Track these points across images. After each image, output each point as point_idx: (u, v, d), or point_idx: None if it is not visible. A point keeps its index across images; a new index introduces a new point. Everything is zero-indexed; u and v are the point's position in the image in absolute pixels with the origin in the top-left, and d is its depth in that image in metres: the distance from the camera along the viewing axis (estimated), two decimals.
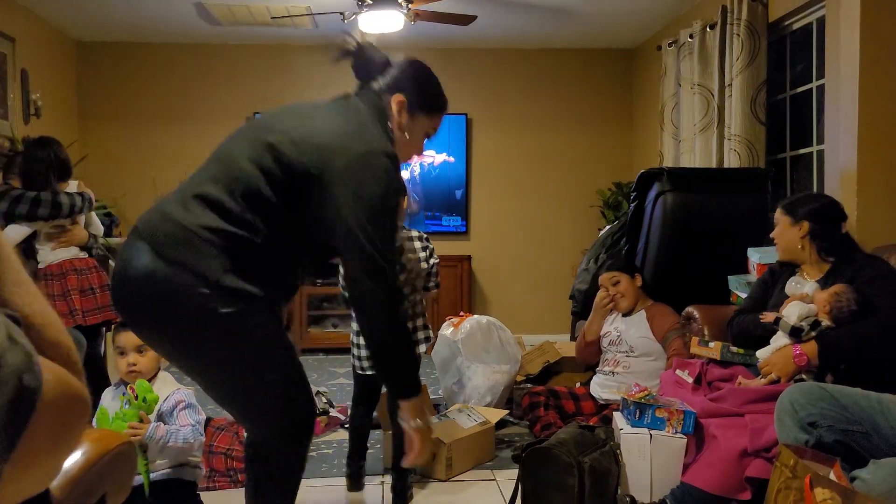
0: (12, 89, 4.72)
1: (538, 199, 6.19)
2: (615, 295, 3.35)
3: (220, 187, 1.66)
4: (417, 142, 1.91)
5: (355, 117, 1.76)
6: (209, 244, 1.61)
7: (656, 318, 3.27)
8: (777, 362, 2.28)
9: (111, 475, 1.20)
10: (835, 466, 1.75)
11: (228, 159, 1.72)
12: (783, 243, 2.56)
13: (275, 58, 5.94)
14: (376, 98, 1.82)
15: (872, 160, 3.08)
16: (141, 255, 1.62)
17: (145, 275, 1.61)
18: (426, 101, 1.89)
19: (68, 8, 4.99)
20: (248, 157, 1.69)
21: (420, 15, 4.53)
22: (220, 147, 1.80)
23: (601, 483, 2.27)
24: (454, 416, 3.17)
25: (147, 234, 1.65)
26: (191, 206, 1.65)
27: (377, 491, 2.82)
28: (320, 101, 1.86)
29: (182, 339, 1.66)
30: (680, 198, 3.45)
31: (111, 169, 5.80)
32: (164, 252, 1.60)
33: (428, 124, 1.91)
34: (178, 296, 1.59)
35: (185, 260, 1.59)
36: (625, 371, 3.25)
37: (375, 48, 1.90)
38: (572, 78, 6.15)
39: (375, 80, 1.85)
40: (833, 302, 2.25)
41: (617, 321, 3.41)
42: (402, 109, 1.84)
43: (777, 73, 4.18)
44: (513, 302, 6.15)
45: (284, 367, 1.72)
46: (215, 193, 1.65)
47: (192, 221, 1.63)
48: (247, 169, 1.67)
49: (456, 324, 3.77)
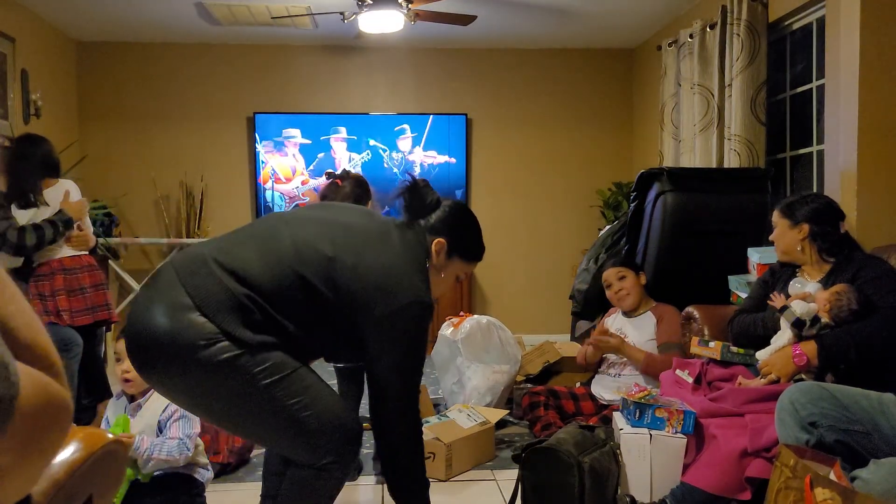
0: (12, 89, 4.72)
1: (538, 199, 6.19)
2: (620, 290, 3.34)
3: (267, 277, 1.69)
4: (449, 282, 1.99)
5: (410, 258, 1.82)
6: (236, 311, 1.65)
7: (663, 321, 3.25)
8: (776, 362, 2.28)
9: (98, 476, 1.17)
10: (835, 466, 1.75)
11: (279, 243, 1.75)
12: (783, 246, 2.55)
13: (275, 58, 5.94)
14: (422, 237, 1.89)
15: (872, 160, 3.08)
16: (169, 306, 1.64)
17: (165, 324, 1.63)
18: (465, 249, 1.97)
19: (68, 8, 4.99)
20: (298, 251, 1.73)
21: (420, 15, 4.53)
22: (274, 223, 1.84)
23: (601, 483, 2.27)
24: (454, 416, 3.17)
25: (191, 288, 1.66)
26: (224, 272, 1.69)
27: (377, 491, 2.82)
28: (374, 223, 1.89)
29: (199, 381, 1.65)
30: (680, 198, 3.45)
31: (111, 169, 5.80)
32: (203, 309, 1.63)
33: (462, 268, 1.98)
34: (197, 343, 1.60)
35: (218, 320, 1.63)
36: (631, 374, 3.24)
37: (429, 187, 1.96)
38: (572, 78, 6.15)
39: (424, 219, 1.92)
40: (834, 301, 2.25)
41: (620, 322, 3.39)
42: (441, 251, 1.91)
43: (777, 73, 4.18)
44: (513, 302, 6.15)
45: (313, 397, 1.70)
46: (253, 269, 1.70)
47: (226, 285, 1.66)
48: (292, 263, 1.71)
49: (456, 324, 3.77)
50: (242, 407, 1.66)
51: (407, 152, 5.94)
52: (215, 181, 5.90)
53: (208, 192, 5.87)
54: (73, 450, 1.12)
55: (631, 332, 3.31)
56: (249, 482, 2.83)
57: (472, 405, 3.41)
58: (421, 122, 5.90)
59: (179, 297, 1.64)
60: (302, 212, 1.96)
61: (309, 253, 1.73)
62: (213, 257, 1.71)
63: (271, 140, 5.88)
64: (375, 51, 5.94)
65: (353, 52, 5.94)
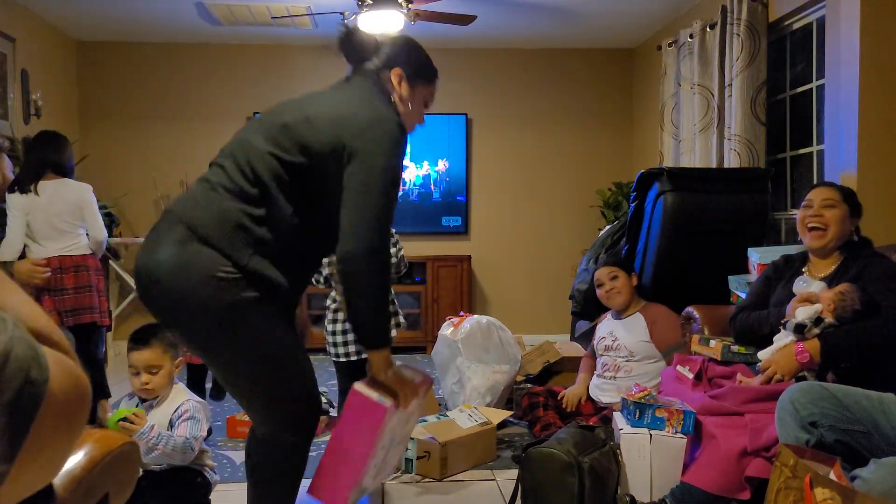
0: (12, 89, 4.72)
1: (538, 199, 6.19)
2: (611, 290, 3.32)
3: (239, 175, 1.73)
4: (419, 111, 2.00)
5: (359, 93, 1.83)
6: (238, 229, 1.68)
7: (658, 324, 3.22)
8: (780, 360, 2.27)
9: (113, 475, 1.22)
10: (835, 466, 1.75)
11: (246, 145, 1.78)
12: (840, 231, 2.41)
13: (275, 58, 5.94)
14: (374, 76, 1.90)
15: (872, 160, 3.08)
16: (172, 237, 1.69)
17: (173, 257, 1.67)
18: (423, 71, 1.97)
19: (68, 8, 4.99)
20: (263, 139, 1.75)
21: (420, 15, 4.53)
22: (235, 136, 1.86)
23: (601, 483, 2.27)
24: (454, 416, 3.17)
25: (185, 217, 1.71)
26: (217, 192, 1.72)
27: (377, 491, 2.82)
28: (321, 90, 1.93)
29: (197, 323, 1.70)
30: (680, 198, 3.45)
31: (111, 169, 5.80)
32: (198, 233, 1.68)
33: (426, 92, 1.99)
34: (202, 275, 1.65)
35: (216, 243, 1.67)
36: (626, 375, 3.21)
37: (364, 32, 1.98)
38: (572, 78, 6.15)
39: (370, 61, 1.92)
40: (838, 301, 2.24)
41: (610, 324, 3.37)
42: (402, 81, 1.92)
43: (777, 73, 4.18)
44: (513, 302, 6.15)
45: (291, 361, 1.78)
46: (236, 180, 1.72)
47: (220, 206, 1.70)
48: (262, 149, 1.73)
49: (456, 324, 3.77)
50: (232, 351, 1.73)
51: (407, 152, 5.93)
52: None
53: None
54: (90, 448, 1.16)
55: (622, 335, 3.28)
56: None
57: (476, 405, 3.40)
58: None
59: (181, 232, 1.69)
60: (260, 115, 1.96)
61: (272, 132, 1.75)
62: (204, 181, 1.77)
63: None
64: None
65: None
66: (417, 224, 5.97)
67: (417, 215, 5.96)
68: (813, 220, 2.42)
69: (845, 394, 1.93)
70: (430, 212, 6.04)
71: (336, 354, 2.96)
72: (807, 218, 2.43)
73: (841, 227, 2.40)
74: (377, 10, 4.35)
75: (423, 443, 2.89)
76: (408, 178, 5.97)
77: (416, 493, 2.79)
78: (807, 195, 2.50)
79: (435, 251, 5.84)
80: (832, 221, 2.39)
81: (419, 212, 5.99)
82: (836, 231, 2.40)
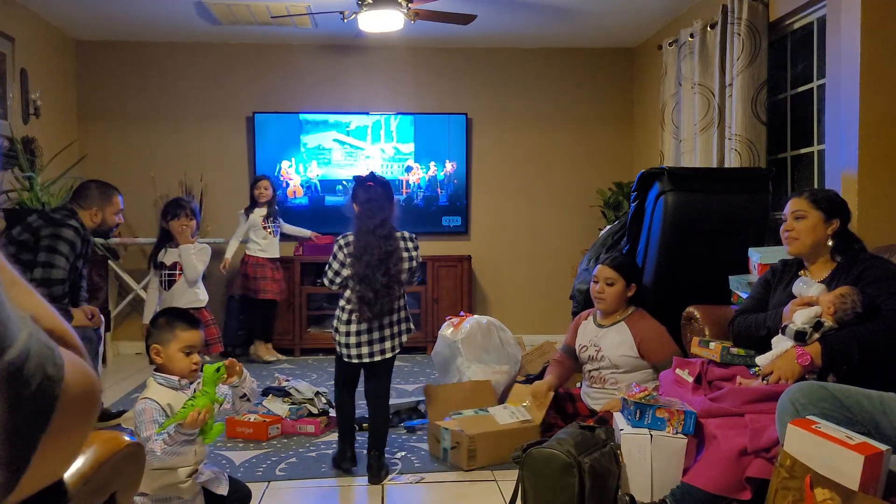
0: (12, 89, 4.72)
1: (538, 199, 6.18)
2: (600, 293, 3.18)
3: None
4: None
5: None
6: None
7: (646, 343, 3.07)
8: (782, 366, 2.25)
9: (121, 474, 1.24)
10: None
11: None
12: (812, 239, 2.45)
13: (274, 57, 5.93)
14: None
15: (873, 160, 3.07)
16: None
17: None
18: None
19: (68, 7, 4.98)
20: None
21: (420, 14, 4.52)
22: None
23: (601, 483, 2.27)
24: (495, 411, 3.20)
25: None
26: None
27: (377, 491, 2.81)
28: None
29: None
30: (681, 197, 3.44)
31: (110, 169, 5.78)
32: None
33: None
34: None
35: None
36: (613, 387, 3.11)
37: None
38: (572, 78, 6.14)
39: None
40: (838, 304, 2.23)
41: (591, 332, 3.24)
42: None
43: (778, 73, 4.17)
44: (513, 302, 6.15)
45: None
46: None
47: None
48: None
49: (456, 324, 3.76)
50: None
51: (407, 152, 5.93)
52: (215, 180, 5.89)
53: (208, 191, 5.87)
54: (97, 448, 1.19)
55: (605, 347, 3.15)
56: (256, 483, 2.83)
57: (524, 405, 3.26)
58: (422, 122, 5.91)
59: None
60: None
61: None
62: None
63: (271, 139, 5.88)
64: (375, 50, 5.93)
65: (353, 52, 5.93)
66: (417, 224, 5.97)
67: (418, 215, 5.95)
68: (785, 231, 2.53)
69: (845, 394, 1.93)
70: (430, 212, 6.04)
71: (348, 356, 2.92)
72: (782, 229, 2.55)
73: (813, 234, 2.46)
74: (377, 9, 4.34)
75: (455, 434, 3.02)
76: (413, 181, 5.97)
77: (416, 493, 2.79)
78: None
79: (435, 251, 5.84)
80: (802, 232, 2.47)
81: (419, 212, 5.99)
82: (808, 239, 2.47)
